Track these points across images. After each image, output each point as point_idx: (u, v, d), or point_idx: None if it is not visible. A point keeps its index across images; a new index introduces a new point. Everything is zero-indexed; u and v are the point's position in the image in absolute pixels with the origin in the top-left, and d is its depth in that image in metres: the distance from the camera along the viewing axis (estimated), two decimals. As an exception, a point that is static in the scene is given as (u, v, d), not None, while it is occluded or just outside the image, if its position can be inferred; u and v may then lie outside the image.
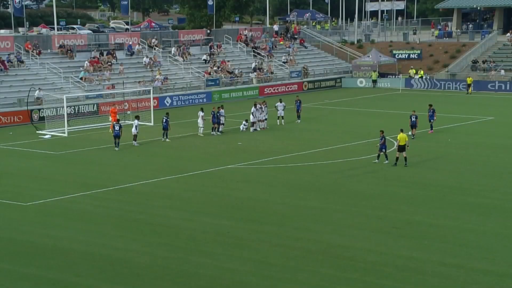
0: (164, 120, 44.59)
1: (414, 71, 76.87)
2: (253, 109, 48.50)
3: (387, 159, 37.33)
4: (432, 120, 46.34)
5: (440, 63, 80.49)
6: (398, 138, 36.86)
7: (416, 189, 32.52)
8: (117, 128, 42.11)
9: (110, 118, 48.27)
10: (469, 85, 70.29)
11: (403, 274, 22.10)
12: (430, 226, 26.82)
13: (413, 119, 44.09)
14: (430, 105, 46.83)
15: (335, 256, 23.69)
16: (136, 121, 43.76)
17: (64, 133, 47.53)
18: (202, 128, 46.79)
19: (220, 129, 47.50)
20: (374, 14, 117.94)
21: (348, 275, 22.11)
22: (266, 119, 49.45)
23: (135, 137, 43.48)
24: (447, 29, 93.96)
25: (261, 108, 49.03)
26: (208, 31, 77.79)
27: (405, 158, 36.84)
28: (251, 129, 48.25)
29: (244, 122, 48.62)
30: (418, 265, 22.81)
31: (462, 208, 29.33)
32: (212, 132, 46.90)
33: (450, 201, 30.49)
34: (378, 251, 24.06)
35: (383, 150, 37.15)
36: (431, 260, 23.20)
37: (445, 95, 69.24)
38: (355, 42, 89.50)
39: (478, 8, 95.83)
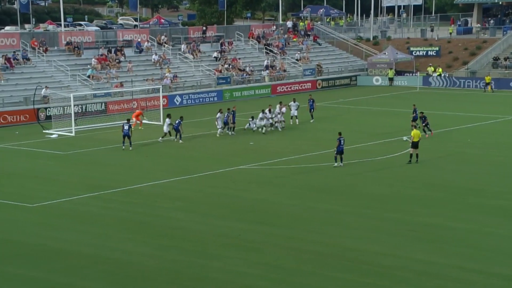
0: (176, 122, 43.89)
1: (432, 68, 75.73)
2: (268, 114, 47.25)
3: (336, 162, 36.55)
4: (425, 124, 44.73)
5: (460, 60, 78.94)
6: (412, 134, 37.09)
7: (433, 190, 31.95)
8: (126, 127, 41.53)
9: (134, 120, 48.13)
10: (487, 84, 69.13)
11: (420, 279, 21.67)
12: (448, 229, 26.32)
13: (415, 114, 45.23)
14: (422, 112, 45.43)
15: (349, 259, 23.29)
16: (168, 119, 44.08)
17: (71, 132, 47.11)
18: (220, 129, 45.91)
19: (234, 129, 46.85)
20: (390, 9, 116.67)
21: (363, 279, 21.70)
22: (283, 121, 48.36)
23: (167, 134, 44.07)
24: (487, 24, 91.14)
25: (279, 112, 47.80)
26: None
27: (417, 155, 36.74)
28: (264, 129, 46.88)
29: (250, 120, 47.84)
30: (436, 269, 22.35)
31: (481, 211, 28.78)
32: (230, 132, 46.12)
33: (469, 203, 29.98)
34: (394, 255, 23.62)
35: (339, 152, 36.40)
36: (450, 265, 22.73)
37: (464, 94, 68.46)
38: (371, 39, 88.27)
39: (500, 2, 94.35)
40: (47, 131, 48.05)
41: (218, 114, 45.75)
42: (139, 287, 21.35)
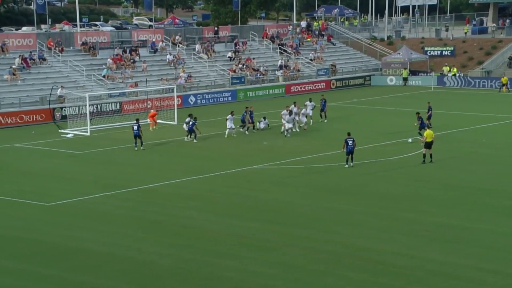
0: (191, 123, 43.96)
1: (447, 68, 75.14)
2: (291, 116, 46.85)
3: (347, 163, 36.33)
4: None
5: (475, 60, 78.24)
6: (425, 134, 37.10)
7: (448, 190, 31.78)
8: (135, 128, 41.61)
9: (149, 121, 48.46)
10: (503, 85, 68.66)
11: (435, 279, 21.51)
12: (463, 230, 26.16)
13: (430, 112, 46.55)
14: (418, 113, 45.05)
15: (363, 259, 23.17)
16: (188, 118, 44.16)
17: (87, 132, 47.27)
18: (233, 130, 45.73)
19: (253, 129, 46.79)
20: (405, 9, 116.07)
21: (377, 279, 21.58)
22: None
23: (189, 133, 44.12)
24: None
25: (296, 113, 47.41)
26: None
27: (431, 155, 36.60)
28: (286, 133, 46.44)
29: (262, 119, 47.76)
30: (452, 270, 22.19)
31: (497, 211, 28.56)
32: (246, 132, 46.23)
33: (484, 203, 29.76)
34: (409, 255, 23.48)
35: (348, 152, 36.24)
36: (466, 265, 22.57)
37: (479, 94, 68.00)
38: (385, 39, 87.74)
39: None
40: (62, 131, 48.23)
41: (229, 116, 45.63)
42: (153, 286, 21.35)
